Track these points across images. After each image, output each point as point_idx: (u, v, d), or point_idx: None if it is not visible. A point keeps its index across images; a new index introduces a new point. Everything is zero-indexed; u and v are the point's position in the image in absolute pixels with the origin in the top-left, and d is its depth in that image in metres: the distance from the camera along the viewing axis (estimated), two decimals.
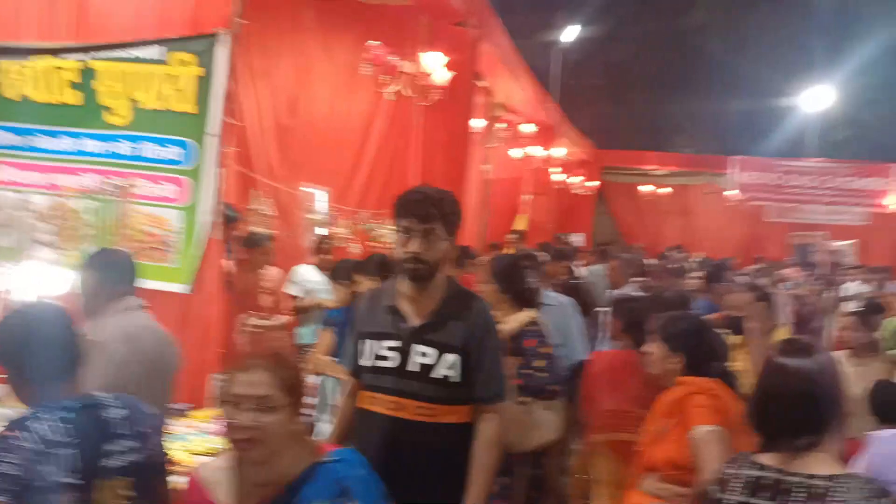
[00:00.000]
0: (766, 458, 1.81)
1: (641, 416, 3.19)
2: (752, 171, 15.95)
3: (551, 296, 4.31)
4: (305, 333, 5.30)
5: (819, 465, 1.75)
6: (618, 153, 17.69)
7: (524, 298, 3.49)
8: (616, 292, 5.37)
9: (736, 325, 4.05)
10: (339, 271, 4.02)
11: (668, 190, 17.54)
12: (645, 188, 17.62)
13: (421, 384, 2.32)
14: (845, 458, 2.27)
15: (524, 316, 3.39)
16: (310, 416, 3.90)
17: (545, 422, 3.26)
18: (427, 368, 2.32)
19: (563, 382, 3.48)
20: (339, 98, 6.61)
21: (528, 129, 10.30)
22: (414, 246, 2.29)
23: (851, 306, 6.75)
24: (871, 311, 5.81)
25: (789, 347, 1.91)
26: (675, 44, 20.67)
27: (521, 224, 11.18)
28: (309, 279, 5.44)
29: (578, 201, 16.47)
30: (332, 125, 6.62)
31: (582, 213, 16.89)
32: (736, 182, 15.89)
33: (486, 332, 2.43)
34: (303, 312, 5.36)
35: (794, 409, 1.80)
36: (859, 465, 2.22)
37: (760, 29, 19.58)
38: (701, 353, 2.58)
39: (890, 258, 15.42)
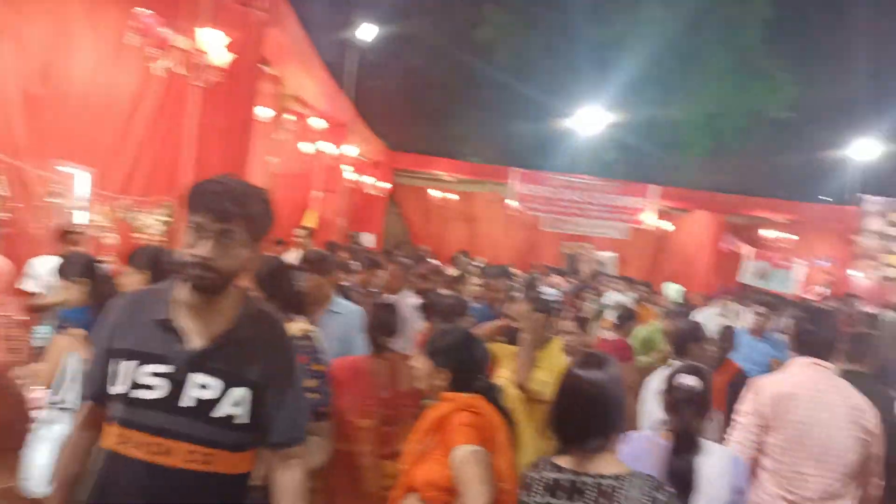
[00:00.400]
0: (563, 461, 2.04)
1: (366, 426, 3.19)
2: (529, 184, 16.92)
3: (341, 303, 4.07)
4: (44, 334, 4.60)
5: (607, 465, 2.00)
6: (410, 156, 17.94)
7: (293, 306, 3.13)
8: (392, 298, 5.23)
9: (514, 335, 4.08)
10: (70, 267, 3.43)
11: (456, 196, 18.15)
12: (434, 193, 18.06)
13: (197, 423, 1.82)
14: None
15: (294, 328, 3.03)
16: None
17: (314, 447, 2.93)
18: (207, 404, 1.83)
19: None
20: (103, 69, 5.89)
21: (319, 123, 10.02)
22: (203, 249, 1.79)
23: (610, 315, 7.31)
24: (625, 318, 6.34)
25: (586, 360, 2.14)
26: (466, 56, 21.42)
27: (310, 220, 10.86)
28: (49, 273, 4.73)
29: (370, 201, 16.46)
30: (93, 98, 5.88)
31: (374, 213, 16.91)
32: (515, 192, 16.77)
33: (289, 362, 2.00)
34: (41, 311, 4.65)
35: (587, 416, 2.04)
36: None
37: (541, 52, 20.95)
38: (467, 368, 2.51)
39: (644, 270, 17.21)
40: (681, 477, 2.32)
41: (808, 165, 23.57)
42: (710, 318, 6.73)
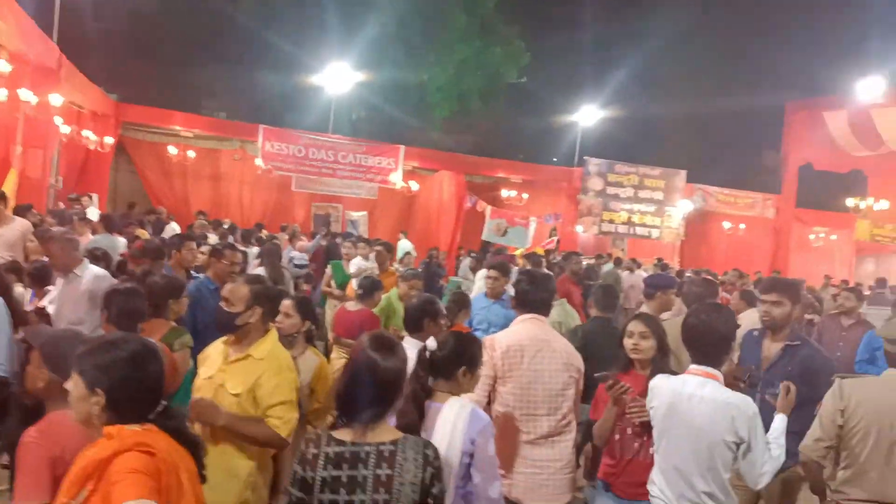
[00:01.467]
0: (344, 434, 2.21)
1: None
2: (278, 142, 16.16)
3: None
4: None
5: (384, 433, 2.23)
6: (142, 109, 16.17)
7: None
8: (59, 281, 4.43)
9: (230, 322, 3.49)
10: None
11: (196, 153, 16.80)
12: (173, 149, 16.54)
13: None
14: None
15: None
16: None
17: None
18: None
19: None
20: None
21: (16, 68, 8.48)
22: None
23: (355, 283, 7.10)
24: (369, 288, 6.15)
25: (378, 343, 2.29)
26: (204, 4, 19.72)
27: (8, 183, 9.25)
28: None
29: (94, 158, 14.60)
30: None
31: (99, 170, 15.04)
32: (263, 151, 15.94)
33: None
34: None
35: (375, 395, 2.21)
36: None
37: (288, 2, 19.96)
38: (133, 391, 1.96)
39: (392, 230, 17.44)
40: (408, 426, 2.51)
41: (540, 129, 25.51)
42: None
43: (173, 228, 12.52)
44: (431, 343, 2.84)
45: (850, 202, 20.64)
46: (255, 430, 2.96)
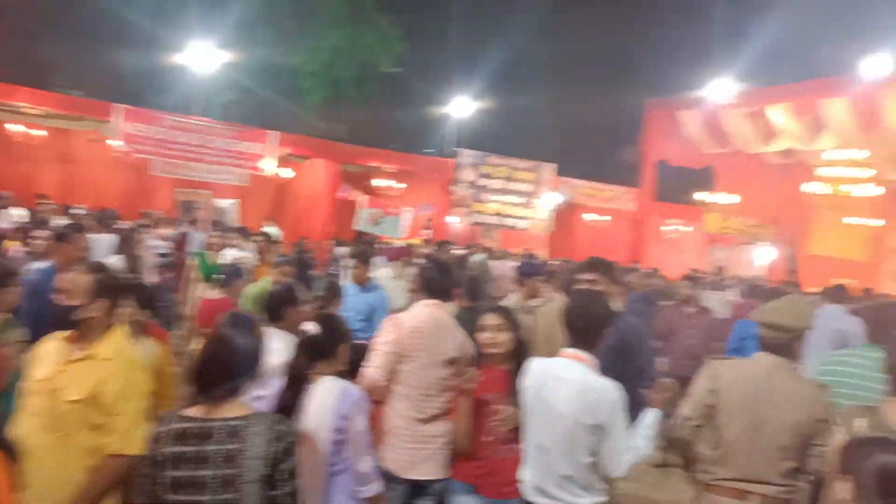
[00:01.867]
0: (193, 411, 2.24)
1: None
2: (137, 123, 15.19)
3: None
4: None
5: (234, 409, 2.24)
6: None
7: None
8: None
9: (65, 317, 2.83)
10: None
11: (45, 133, 15.51)
12: (16, 127, 15.17)
13: None
14: None
15: None
16: None
17: None
18: None
19: None
20: None
21: None
22: None
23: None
24: (231, 276, 5.93)
25: (235, 321, 2.35)
26: None
27: None
28: None
29: None
30: None
31: None
32: (120, 132, 14.94)
33: None
34: None
35: (227, 370, 2.24)
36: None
37: None
38: None
39: (264, 218, 16.89)
40: (286, 408, 2.63)
41: (415, 119, 25.54)
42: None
43: (10, 215, 11.46)
44: (312, 327, 2.88)
45: (699, 196, 22.13)
46: (106, 478, 2.67)
